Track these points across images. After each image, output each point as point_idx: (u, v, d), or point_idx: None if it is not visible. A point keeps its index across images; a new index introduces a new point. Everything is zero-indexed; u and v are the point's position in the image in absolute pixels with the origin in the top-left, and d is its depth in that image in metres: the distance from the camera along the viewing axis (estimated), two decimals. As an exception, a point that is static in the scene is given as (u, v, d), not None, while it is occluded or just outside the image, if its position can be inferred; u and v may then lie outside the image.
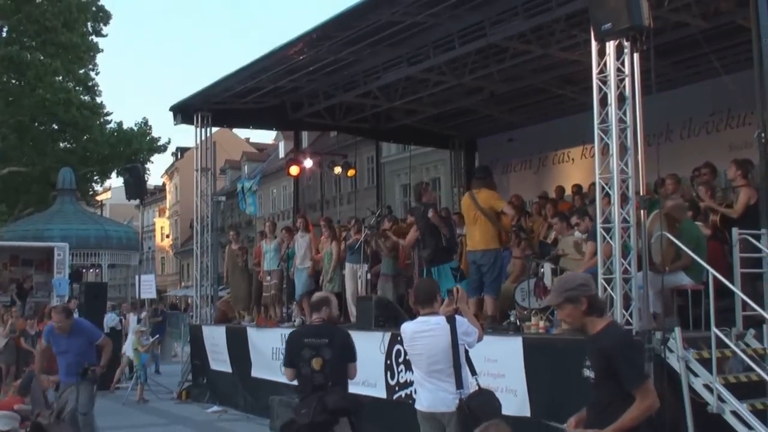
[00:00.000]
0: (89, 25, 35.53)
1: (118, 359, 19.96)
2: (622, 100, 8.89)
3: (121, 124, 37.10)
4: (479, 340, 6.56)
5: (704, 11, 12.06)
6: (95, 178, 38.99)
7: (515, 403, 9.19)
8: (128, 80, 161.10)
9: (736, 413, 7.76)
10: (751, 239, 8.97)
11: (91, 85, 36.28)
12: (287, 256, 15.61)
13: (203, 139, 17.86)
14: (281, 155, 48.43)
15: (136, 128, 36.76)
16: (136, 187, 20.05)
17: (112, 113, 40.87)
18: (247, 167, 55.24)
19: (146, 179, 27.53)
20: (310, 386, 6.90)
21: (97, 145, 35.11)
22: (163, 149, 38.57)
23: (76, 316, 12.17)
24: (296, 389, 7.33)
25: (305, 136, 32.24)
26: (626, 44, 8.76)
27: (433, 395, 6.38)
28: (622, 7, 8.09)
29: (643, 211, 8.85)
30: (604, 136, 8.99)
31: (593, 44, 9.10)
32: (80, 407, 9.84)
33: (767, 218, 8.98)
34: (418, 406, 6.58)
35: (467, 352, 6.47)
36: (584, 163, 16.81)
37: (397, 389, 11.22)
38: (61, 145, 36.11)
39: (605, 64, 8.96)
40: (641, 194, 8.87)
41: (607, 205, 9.04)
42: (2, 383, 15.74)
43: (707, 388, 8.00)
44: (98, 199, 44.65)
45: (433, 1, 11.87)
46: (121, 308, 24.44)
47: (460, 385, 6.27)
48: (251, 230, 44.05)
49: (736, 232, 9.10)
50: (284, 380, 7.96)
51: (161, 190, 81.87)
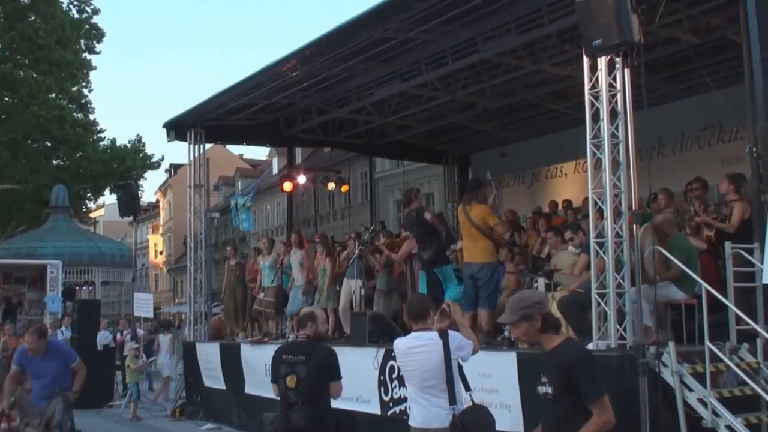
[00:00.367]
0: (82, 42, 35.58)
1: (111, 376, 19.92)
2: (614, 115, 8.92)
3: (114, 141, 37.10)
4: (475, 352, 6.54)
5: (695, 27, 12.13)
6: (88, 195, 38.92)
7: (509, 418, 9.15)
8: (122, 97, 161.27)
9: (730, 428, 7.75)
10: (743, 253, 8.99)
11: (84, 102, 36.30)
12: (283, 270, 15.59)
13: (197, 155, 17.86)
14: (275, 171, 48.51)
15: (129, 145, 36.75)
16: (129, 204, 20.04)
17: (105, 130, 40.96)
18: (240, 183, 55.27)
19: (139, 196, 27.58)
20: (284, 403, 6.87)
21: (90, 162, 35.06)
22: (156, 166, 38.59)
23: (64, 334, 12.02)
24: None
25: (299, 152, 32.42)
26: (617, 60, 8.80)
27: (426, 411, 6.35)
28: (612, 23, 8.13)
29: (635, 225, 8.87)
30: (596, 151, 9.01)
31: (585, 60, 9.14)
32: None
33: (760, 232, 8.99)
34: (411, 422, 6.54)
35: (461, 367, 6.45)
36: (577, 177, 16.83)
37: (391, 405, 11.18)
38: (54, 162, 36.07)
39: (597, 79, 8.99)
40: (634, 209, 8.89)
41: (599, 219, 9.06)
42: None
43: (701, 402, 7.98)
44: (91, 216, 44.62)
45: (425, 17, 11.91)
46: (118, 325, 24.36)
47: (453, 400, 6.24)
48: (245, 246, 43.98)
49: (728, 246, 9.12)
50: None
51: (155, 206, 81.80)
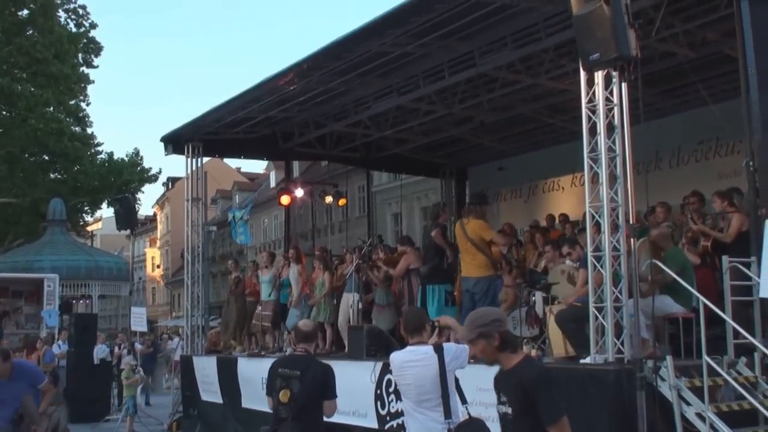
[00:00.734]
0: (80, 56, 35.64)
1: (108, 390, 19.87)
2: (611, 129, 8.93)
3: (111, 154, 37.12)
4: (472, 356, 6.49)
5: (691, 41, 12.17)
6: (86, 208, 38.89)
7: (507, 432, 9.13)
8: (119, 111, 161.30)
9: (728, 442, 7.74)
10: (741, 267, 8.99)
11: (81, 116, 36.32)
12: (281, 284, 15.59)
13: (194, 169, 17.85)
14: (272, 185, 48.52)
15: (126, 159, 36.76)
16: (126, 217, 20.07)
17: (102, 144, 40.94)
18: (238, 197, 55.32)
19: (137, 210, 27.60)
20: (275, 418, 6.84)
21: (87, 175, 35.08)
22: (153, 179, 38.55)
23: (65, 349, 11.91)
24: None
25: (296, 165, 32.37)
26: (614, 74, 8.82)
27: (421, 425, 6.32)
28: (609, 37, 8.14)
29: (633, 239, 8.87)
30: (593, 164, 9.02)
31: (582, 74, 9.15)
32: None
33: (757, 246, 9.00)
34: (407, 436, 6.53)
35: (457, 380, 6.43)
36: (574, 191, 16.85)
37: (388, 419, 11.15)
38: (51, 175, 36.05)
39: (594, 93, 9.00)
40: (631, 223, 8.90)
41: (597, 233, 9.06)
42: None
43: (699, 416, 7.96)
44: (89, 229, 44.53)
45: (422, 31, 11.93)
46: (116, 338, 24.31)
47: (448, 414, 6.21)
48: (242, 260, 43.96)
49: (726, 259, 9.12)
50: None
51: (152, 220, 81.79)
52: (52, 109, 33.53)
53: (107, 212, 43.79)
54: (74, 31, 35.08)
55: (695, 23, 11.59)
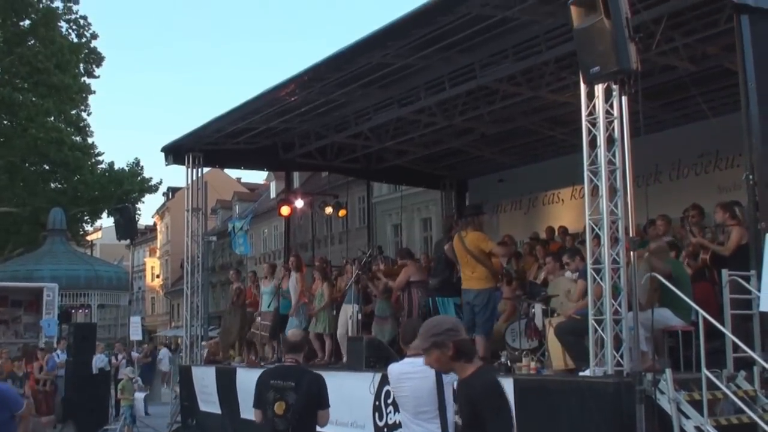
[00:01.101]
0: (81, 66, 35.67)
1: (106, 400, 19.79)
2: (611, 142, 8.95)
3: (112, 164, 37.05)
4: None
5: (692, 55, 12.21)
6: (86, 218, 38.86)
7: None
8: (120, 121, 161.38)
9: (727, 455, 7.74)
10: (740, 281, 8.99)
11: (82, 125, 36.30)
12: (281, 295, 15.57)
13: (194, 179, 17.88)
14: (272, 195, 48.51)
15: (127, 169, 36.74)
16: (126, 227, 20.05)
17: (103, 153, 40.88)
18: (238, 207, 55.29)
19: (137, 219, 27.60)
20: (272, 431, 6.75)
21: (87, 185, 35.06)
22: (154, 190, 38.50)
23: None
24: None
25: (296, 176, 32.40)
26: (615, 87, 8.84)
27: (418, 437, 6.31)
28: (609, 51, 8.16)
29: (633, 252, 8.88)
30: (593, 177, 9.04)
31: (582, 87, 9.17)
32: None
33: (756, 260, 9.00)
34: (404, 448, 6.51)
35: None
36: (574, 204, 16.87)
37: (385, 430, 11.13)
38: (51, 185, 36.02)
39: (594, 106, 9.02)
40: (631, 236, 8.91)
41: (597, 246, 9.06)
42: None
43: (698, 430, 7.96)
44: (89, 239, 44.51)
45: (423, 44, 11.97)
46: (114, 348, 24.25)
47: (445, 427, 6.19)
48: (242, 270, 43.92)
49: (725, 273, 9.13)
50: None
51: (152, 229, 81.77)
52: (53, 118, 33.56)
53: (107, 222, 43.76)
54: (75, 41, 35.12)
55: (695, 37, 11.64)
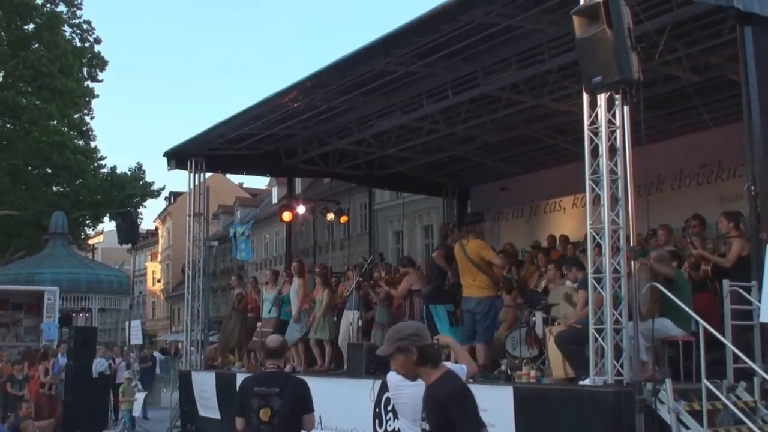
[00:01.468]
0: (85, 70, 35.73)
1: (105, 404, 19.80)
2: (613, 151, 8.95)
3: (114, 168, 37.09)
4: (471, 374, 6.46)
5: (694, 65, 12.22)
6: (87, 222, 38.89)
7: (505, 453, 9.11)
8: (123, 125, 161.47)
9: (727, 466, 7.73)
10: (741, 291, 8.99)
11: (85, 129, 36.35)
12: (282, 301, 15.57)
13: (197, 184, 17.89)
14: (274, 201, 48.53)
15: (129, 173, 36.78)
16: (128, 231, 20.04)
17: (106, 158, 40.80)
18: (240, 212, 55.29)
19: (139, 224, 27.59)
20: None
21: (90, 189, 35.07)
22: (156, 194, 38.54)
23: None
24: None
25: (298, 182, 32.46)
26: (617, 97, 8.85)
27: (417, 444, 6.31)
28: (612, 60, 8.17)
29: (633, 261, 8.88)
30: (595, 186, 9.04)
31: (584, 96, 9.18)
32: None
33: (757, 271, 9.00)
34: (403, 455, 6.50)
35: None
36: (575, 212, 16.87)
37: (385, 438, 11.13)
38: (54, 188, 36.06)
39: (596, 115, 9.03)
40: (632, 245, 8.91)
41: (598, 255, 9.06)
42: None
43: (698, 440, 7.96)
44: (90, 242, 44.53)
45: (426, 51, 11.99)
46: (111, 352, 24.24)
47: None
48: (244, 275, 43.89)
49: (726, 284, 9.13)
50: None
51: (153, 234, 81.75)
52: (55, 122, 33.60)
53: (109, 226, 43.77)
54: (79, 45, 35.20)
55: (698, 47, 11.66)
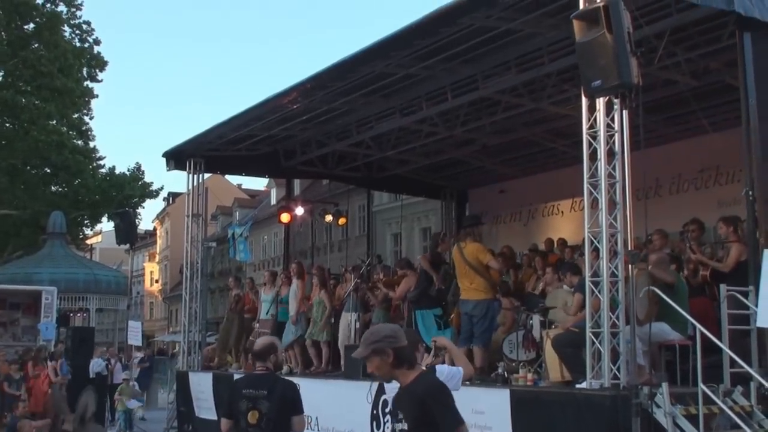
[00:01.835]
0: (84, 70, 35.71)
1: (102, 405, 19.79)
2: (611, 155, 8.96)
3: (113, 168, 37.04)
4: (468, 377, 6.45)
5: (693, 70, 12.24)
6: (86, 222, 38.85)
7: (502, 455, 9.12)
8: (122, 125, 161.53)
9: (723, 470, 7.74)
10: (739, 296, 9.01)
11: (84, 129, 36.31)
12: (280, 302, 15.58)
13: (195, 184, 17.88)
14: (273, 202, 48.53)
15: (128, 173, 36.77)
16: (126, 232, 20.05)
17: (104, 158, 40.85)
18: (238, 213, 55.31)
19: (137, 224, 27.59)
20: None
21: (88, 189, 35.03)
22: (155, 195, 38.50)
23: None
24: None
25: (297, 183, 32.45)
26: (616, 101, 8.87)
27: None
28: (611, 64, 8.19)
29: (631, 265, 8.90)
30: (593, 190, 9.05)
31: (583, 100, 9.20)
32: None
33: (755, 275, 9.02)
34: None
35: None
36: (573, 216, 16.87)
37: (382, 440, 11.14)
38: (52, 188, 36.00)
39: (595, 119, 9.04)
40: (630, 249, 8.92)
41: (595, 259, 9.08)
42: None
43: (694, 444, 7.97)
44: (88, 242, 44.48)
45: (426, 54, 12.01)
46: (108, 352, 24.24)
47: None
48: (241, 277, 43.88)
49: (724, 288, 9.14)
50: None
51: (152, 234, 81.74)
52: (54, 122, 33.59)
53: (107, 226, 43.82)
54: (79, 45, 35.20)
55: (697, 52, 11.68)
